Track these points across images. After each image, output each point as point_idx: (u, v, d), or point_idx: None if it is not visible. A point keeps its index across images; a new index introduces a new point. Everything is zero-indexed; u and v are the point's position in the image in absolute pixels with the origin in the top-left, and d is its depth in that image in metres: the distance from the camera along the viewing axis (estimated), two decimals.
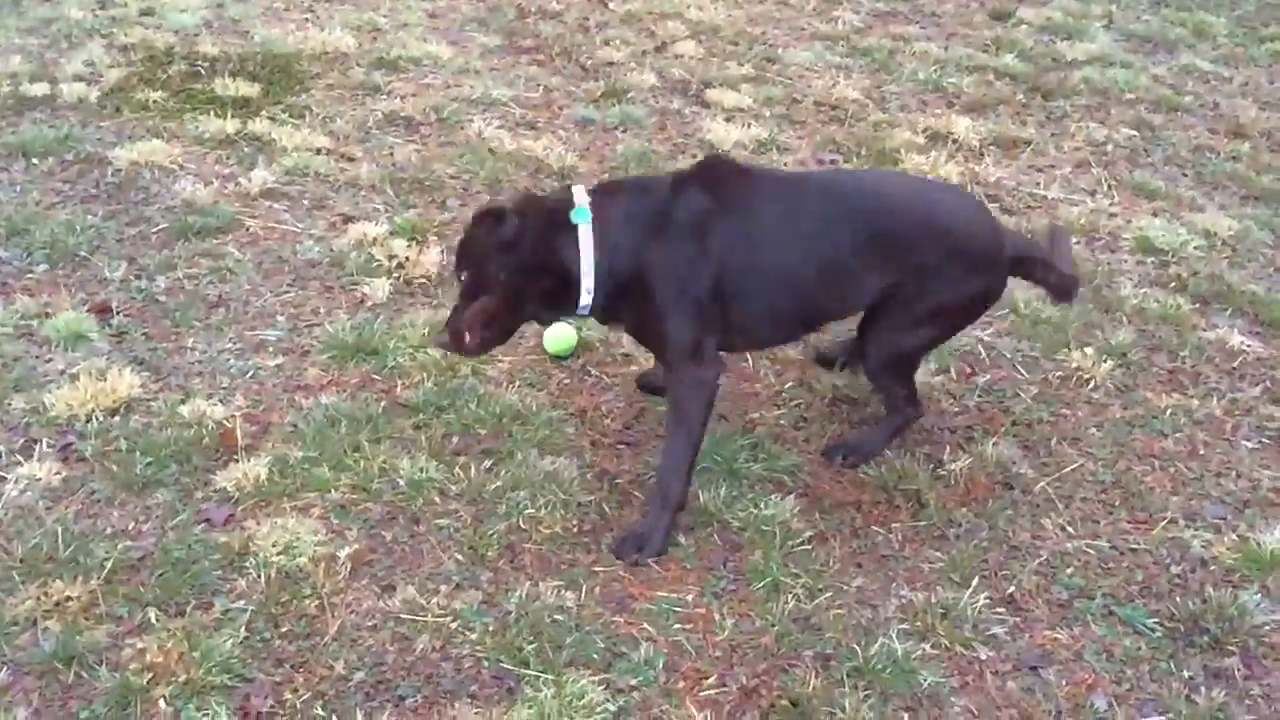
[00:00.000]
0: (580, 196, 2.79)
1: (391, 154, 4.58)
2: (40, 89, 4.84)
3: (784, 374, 3.51)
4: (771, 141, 4.92)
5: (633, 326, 2.97)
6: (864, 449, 3.18)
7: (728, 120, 5.06)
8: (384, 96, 5.05)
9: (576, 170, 4.57)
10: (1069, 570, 2.87)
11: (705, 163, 3.02)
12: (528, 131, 4.86)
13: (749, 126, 5.00)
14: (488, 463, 3.05)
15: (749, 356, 3.55)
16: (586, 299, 2.79)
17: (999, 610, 2.74)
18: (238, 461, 2.97)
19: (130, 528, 2.76)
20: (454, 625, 2.58)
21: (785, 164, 4.77)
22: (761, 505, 2.97)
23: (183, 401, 3.17)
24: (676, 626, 2.63)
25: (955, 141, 5.03)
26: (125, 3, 5.82)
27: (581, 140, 4.84)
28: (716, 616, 2.67)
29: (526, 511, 2.90)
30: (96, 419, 3.07)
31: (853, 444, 3.20)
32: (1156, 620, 2.74)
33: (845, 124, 5.16)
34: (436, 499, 2.93)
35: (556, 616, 2.62)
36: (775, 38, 6.11)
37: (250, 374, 3.32)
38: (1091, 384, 3.55)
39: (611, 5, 6.39)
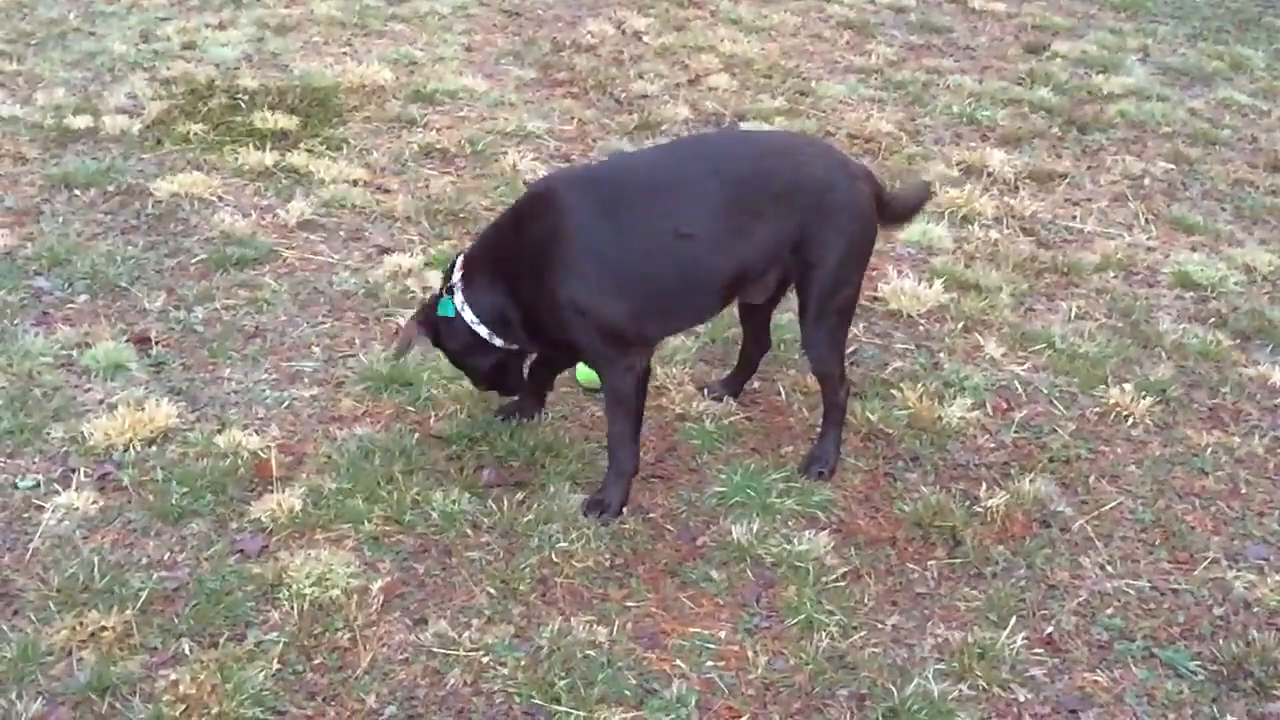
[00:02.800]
0: (455, 274, 3.02)
1: (427, 186, 4.63)
2: (83, 121, 4.93)
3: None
4: None
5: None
6: (828, 457, 3.20)
7: None
8: (420, 129, 5.10)
9: None
10: (1109, 611, 2.83)
11: (533, 189, 3.22)
12: (562, 164, 4.89)
13: None
14: (520, 495, 3.05)
15: (782, 391, 3.54)
16: (499, 343, 3.02)
17: (1037, 651, 2.70)
18: (272, 492, 2.98)
19: (165, 558, 2.78)
20: (485, 660, 2.57)
21: None
22: (794, 541, 2.95)
23: (219, 432, 3.19)
24: (709, 663, 2.61)
25: (990, 175, 5.02)
26: (168, 36, 5.94)
27: None
28: (749, 654, 2.64)
29: (559, 545, 2.89)
30: (134, 449, 3.10)
31: (817, 456, 3.21)
32: (1199, 663, 2.68)
33: (879, 156, 5.16)
34: (469, 531, 2.93)
35: (588, 652, 2.60)
36: (808, 70, 6.13)
37: (286, 405, 3.34)
38: (1130, 420, 3.50)
39: (645, 38, 6.44)
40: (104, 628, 2.55)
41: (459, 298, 2.99)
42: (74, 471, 3.02)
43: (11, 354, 3.44)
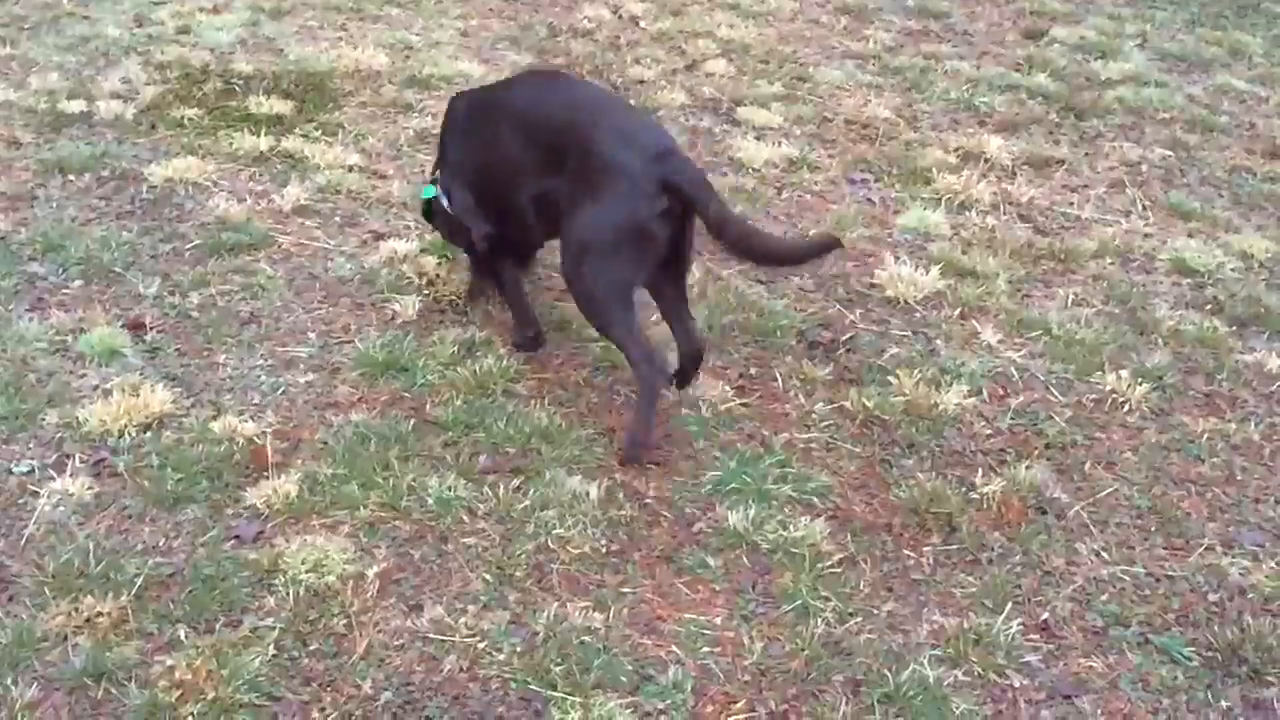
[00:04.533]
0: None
1: (423, 171, 4.60)
2: (77, 106, 4.91)
3: (814, 394, 3.48)
4: (802, 160, 4.90)
5: None
6: (638, 438, 3.13)
7: (758, 139, 5.05)
8: (416, 114, 5.08)
9: None
10: (1104, 597, 2.83)
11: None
12: None
13: (779, 145, 4.99)
14: (516, 482, 3.04)
15: (778, 377, 3.53)
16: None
17: (1033, 637, 2.70)
18: (268, 478, 2.98)
19: (161, 544, 2.77)
20: (481, 646, 2.57)
21: (816, 183, 4.76)
22: (791, 527, 2.95)
23: (214, 418, 3.18)
24: (705, 649, 2.61)
25: (988, 161, 5.00)
26: (162, 21, 5.90)
27: None
28: (745, 640, 2.64)
29: (555, 531, 2.89)
30: (129, 435, 3.09)
31: (629, 440, 3.15)
32: (1194, 649, 2.69)
33: (876, 143, 5.14)
34: (465, 518, 2.92)
35: (584, 638, 2.60)
36: (806, 56, 6.10)
37: (281, 391, 3.34)
38: (1126, 407, 3.50)
39: (642, 23, 6.41)
40: (99, 613, 2.55)
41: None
42: (69, 457, 3.02)
43: (6, 339, 3.42)
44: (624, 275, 3.11)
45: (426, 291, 3.82)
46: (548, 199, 3.24)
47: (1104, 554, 2.96)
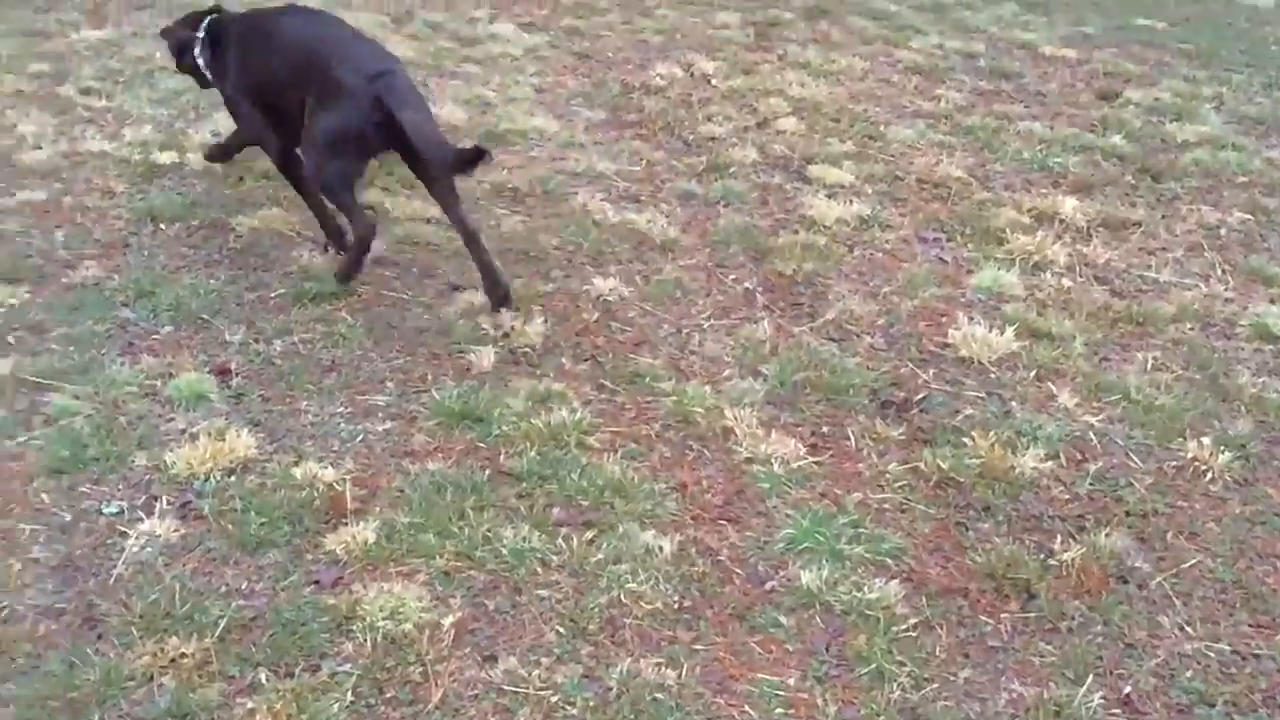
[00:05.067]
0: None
1: (498, 225, 4.70)
2: (169, 157, 5.09)
3: (887, 454, 3.47)
4: (874, 218, 4.92)
5: None
6: (350, 271, 4.15)
7: (829, 196, 5.08)
8: (492, 169, 5.18)
9: (678, 243, 4.63)
10: (1188, 673, 2.76)
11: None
12: (630, 204, 4.94)
13: (851, 203, 5.02)
14: (589, 535, 3.06)
15: (851, 436, 3.52)
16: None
17: (1114, 712, 2.64)
18: (346, 524, 3.03)
19: (244, 587, 2.83)
20: (555, 699, 2.58)
21: (887, 241, 4.76)
22: (864, 588, 2.93)
23: (296, 463, 3.25)
24: (778, 711, 2.59)
25: (1062, 222, 4.98)
26: None
27: (684, 214, 4.90)
28: (819, 702, 2.62)
29: (627, 586, 2.89)
30: (214, 478, 3.17)
31: (343, 269, 4.17)
32: None
33: (948, 202, 5.14)
34: (538, 569, 2.94)
35: (657, 695, 2.60)
36: (877, 115, 6.14)
37: (360, 438, 3.40)
38: (1209, 475, 3.44)
39: (714, 81, 6.50)
40: (184, 654, 2.60)
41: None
42: (156, 499, 3.10)
43: (98, 383, 3.53)
44: (347, 167, 4.03)
45: (501, 343, 3.88)
46: (303, 106, 4.05)
47: (1188, 628, 2.89)
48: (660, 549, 3.01)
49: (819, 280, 4.41)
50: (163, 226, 4.52)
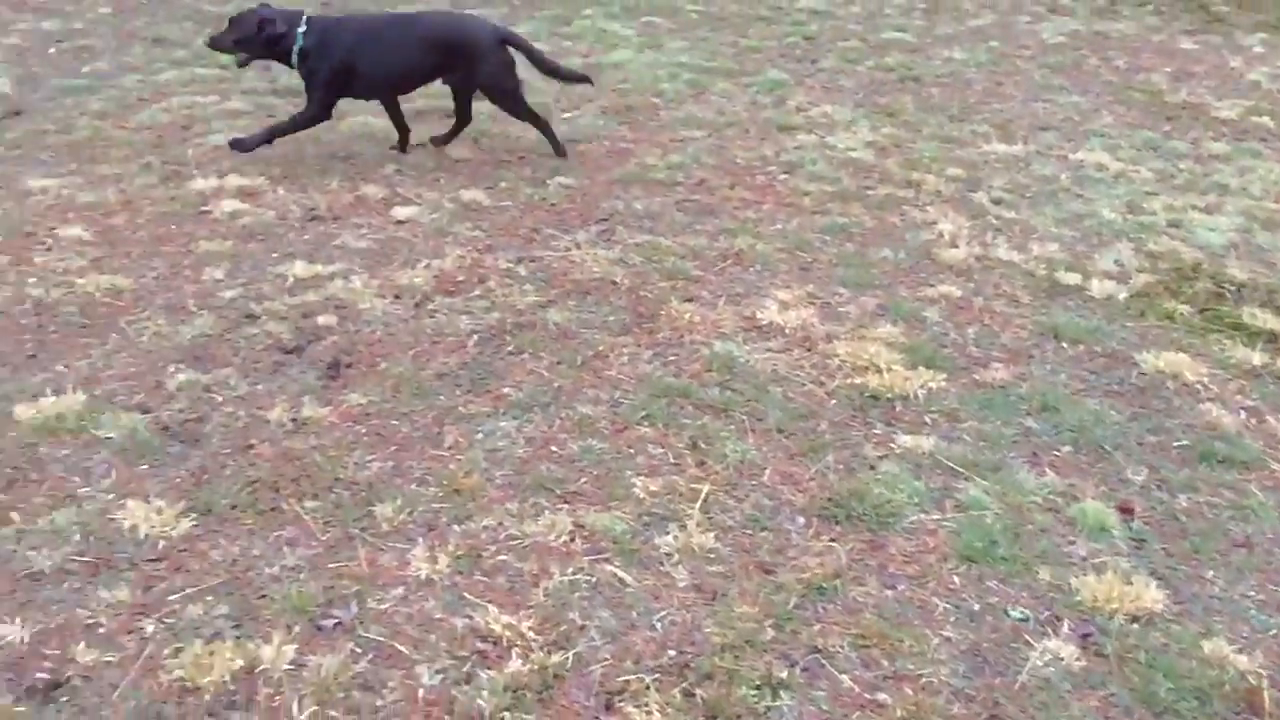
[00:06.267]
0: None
1: None
2: (1072, 279, 5.20)
3: None
4: None
5: None
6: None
7: None
8: None
9: None
10: None
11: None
12: None
13: None
14: None
15: None
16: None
17: None
18: None
19: None
20: None
21: None
22: None
23: (1204, 635, 3.06)
24: None
25: None
26: (1154, 211, 6.05)
27: None
28: None
29: None
30: (1119, 620, 3.11)
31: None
32: None
33: None
34: None
35: None
36: None
37: (1273, 632, 3.10)
38: None
39: None
40: None
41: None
42: (1059, 620, 3.12)
43: (1006, 484, 3.69)
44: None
45: None
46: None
47: None
48: None
49: None
50: (1064, 345, 4.62)
